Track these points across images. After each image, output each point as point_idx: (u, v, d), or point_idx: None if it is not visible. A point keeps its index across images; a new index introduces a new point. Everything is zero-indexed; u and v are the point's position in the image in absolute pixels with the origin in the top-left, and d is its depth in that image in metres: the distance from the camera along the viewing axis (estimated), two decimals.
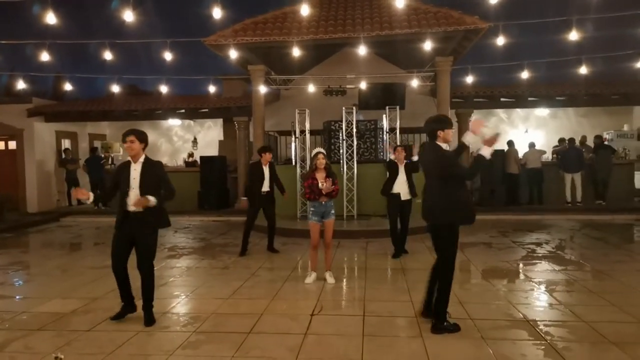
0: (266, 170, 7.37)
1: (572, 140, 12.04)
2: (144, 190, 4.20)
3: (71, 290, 5.67)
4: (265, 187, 7.34)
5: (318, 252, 5.87)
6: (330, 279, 5.76)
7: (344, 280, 6.06)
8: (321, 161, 5.63)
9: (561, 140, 12.82)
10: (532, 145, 12.30)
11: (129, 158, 4.34)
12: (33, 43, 9.17)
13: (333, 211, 5.73)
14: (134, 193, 4.22)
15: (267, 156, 7.38)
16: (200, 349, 3.82)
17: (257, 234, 9.09)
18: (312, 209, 5.71)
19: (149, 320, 4.34)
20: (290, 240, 8.57)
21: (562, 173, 11.82)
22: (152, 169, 4.32)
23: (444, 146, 4.02)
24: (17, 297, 5.63)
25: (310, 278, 5.80)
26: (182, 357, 3.68)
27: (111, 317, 4.44)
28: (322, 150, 5.84)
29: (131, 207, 4.22)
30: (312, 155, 5.82)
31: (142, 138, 4.33)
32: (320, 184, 5.54)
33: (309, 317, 4.49)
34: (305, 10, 7.64)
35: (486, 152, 3.80)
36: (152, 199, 4.19)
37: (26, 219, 12.16)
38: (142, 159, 4.32)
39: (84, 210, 13.30)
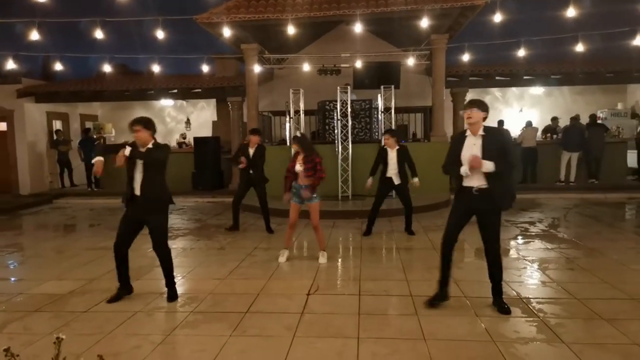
0: (251, 152, 7.35)
1: (574, 118, 12.01)
2: (151, 170, 4.25)
3: (67, 271, 5.67)
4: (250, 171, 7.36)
5: (294, 232, 6.06)
6: (322, 258, 5.79)
7: (339, 260, 6.10)
8: (294, 147, 5.78)
9: (554, 119, 12.81)
10: (529, 124, 12.28)
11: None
12: (21, 22, 8.96)
13: (315, 194, 5.64)
14: (140, 177, 4.25)
15: (253, 138, 7.38)
16: (198, 329, 3.85)
17: (252, 214, 9.11)
18: (293, 190, 5.72)
19: (172, 296, 4.52)
20: (285, 220, 8.52)
21: (562, 151, 11.83)
22: (156, 151, 4.32)
23: (468, 133, 3.95)
24: (13, 279, 5.63)
25: (283, 257, 5.87)
26: (181, 336, 3.71)
27: (107, 299, 4.46)
28: (299, 134, 5.93)
29: (138, 191, 4.26)
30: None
31: (149, 126, 4.33)
32: (298, 166, 5.59)
33: (305, 297, 4.53)
34: None
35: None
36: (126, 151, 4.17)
37: (19, 201, 12.09)
38: (150, 144, 4.31)
39: (78, 192, 13.23)
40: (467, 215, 4.03)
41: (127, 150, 4.14)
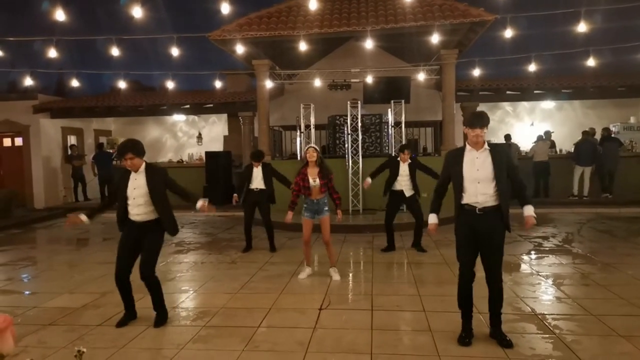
0: (257, 171, 7.29)
1: (587, 132, 11.90)
2: (153, 198, 4.10)
3: (80, 285, 5.72)
4: (255, 185, 7.28)
5: (312, 247, 5.92)
6: (335, 275, 5.71)
7: (351, 274, 6.08)
8: (312, 154, 5.49)
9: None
10: (540, 137, 12.23)
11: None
12: (38, 40, 9.20)
13: (326, 208, 5.63)
14: (135, 203, 4.11)
15: (255, 163, 7.34)
16: (210, 343, 3.85)
17: (262, 228, 9.11)
18: (304, 205, 5.65)
19: (161, 319, 4.28)
20: (296, 235, 8.57)
21: (574, 165, 11.73)
22: (156, 176, 4.17)
23: (468, 148, 3.64)
24: (27, 292, 5.68)
25: (304, 273, 5.80)
26: (193, 350, 3.72)
27: (116, 324, 4.26)
28: (313, 144, 5.75)
29: (135, 217, 4.14)
30: (305, 149, 5.76)
31: (139, 151, 4.14)
32: (311, 181, 5.49)
33: (317, 312, 4.52)
34: (312, 4, 7.61)
35: None
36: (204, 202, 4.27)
37: (33, 215, 12.25)
38: (142, 168, 4.16)
39: (91, 206, 13.35)
40: (475, 240, 3.65)
41: (84, 217, 4.35)
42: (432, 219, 3.96)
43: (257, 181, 7.31)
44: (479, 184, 3.58)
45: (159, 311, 4.33)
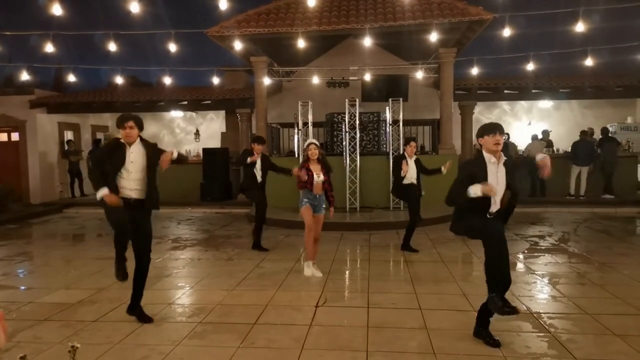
0: (258, 163, 7.06)
1: (585, 132, 11.92)
2: (151, 170, 4.08)
3: (76, 281, 5.70)
4: (259, 179, 7.13)
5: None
6: (317, 272, 5.71)
7: (347, 272, 6.09)
8: (313, 152, 5.53)
9: (534, 137, 12.51)
10: (535, 137, 12.26)
11: (122, 140, 4.10)
12: (35, 34, 9.15)
13: (324, 205, 5.68)
14: (130, 177, 4.01)
15: (257, 148, 7.04)
16: (206, 339, 3.85)
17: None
18: (305, 199, 5.61)
19: (135, 306, 4.21)
20: (293, 232, 8.59)
21: (571, 165, 11.75)
22: (153, 149, 4.15)
23: (489, 158, 3.54)
24: (22, 287, 5.67)
25: (309, 269, 5.74)
26: (189, 347, 3.71)
27: (127, 310, 4.19)
28: (314, 140, 5.75)
29: (128, 193, 4.00)
30: (305, 146, 5.75)
31: (141, 124, 4.15)
32: (316, 176, 5.50)
33: (313, 309, 4.52)
34: (310, 1, 7.59)
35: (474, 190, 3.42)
36: (175, 153, 4.10)
37: (29, 210, 12.20)
38: (137, 141, 4.12)
39: (87, 201, 13.32)
40: None
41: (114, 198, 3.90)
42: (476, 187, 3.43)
43: (260, 178, 7.11)
44: (495, 196, 3.54)
45: (139, 297, 4.23)
